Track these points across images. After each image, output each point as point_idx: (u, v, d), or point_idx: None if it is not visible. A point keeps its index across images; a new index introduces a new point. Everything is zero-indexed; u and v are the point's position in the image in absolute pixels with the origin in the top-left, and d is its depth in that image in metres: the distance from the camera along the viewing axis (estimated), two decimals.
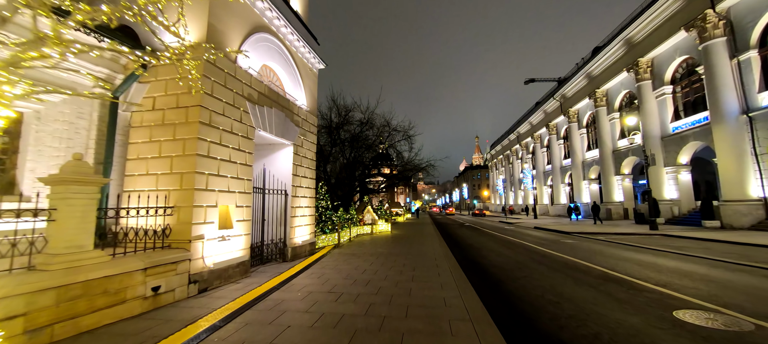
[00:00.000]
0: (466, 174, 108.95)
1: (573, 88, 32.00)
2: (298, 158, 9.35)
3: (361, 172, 25.01)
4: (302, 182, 9.53)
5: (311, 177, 10.20)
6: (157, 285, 4.69)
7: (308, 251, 9.68)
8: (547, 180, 40.52)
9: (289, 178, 8.92)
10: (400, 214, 35.45)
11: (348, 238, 14.01)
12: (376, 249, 10.80)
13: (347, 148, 22.97)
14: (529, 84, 60.44)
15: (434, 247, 11.27)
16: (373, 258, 8.87)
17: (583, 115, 31.56)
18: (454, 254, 9.95)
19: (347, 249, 10.88)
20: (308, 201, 9.90)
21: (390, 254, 9.70)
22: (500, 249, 11.68)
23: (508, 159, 57.94)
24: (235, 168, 6.56)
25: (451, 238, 16.03)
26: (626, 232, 15.96)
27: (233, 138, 6.56)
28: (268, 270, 7.37)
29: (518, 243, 13.38)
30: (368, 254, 9.74)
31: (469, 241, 14.56)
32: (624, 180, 26.14)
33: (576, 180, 32.13)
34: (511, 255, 10.06)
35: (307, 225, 9.81)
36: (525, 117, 47.11)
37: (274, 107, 8.08)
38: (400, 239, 14.31)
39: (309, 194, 9.98)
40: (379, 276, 6.65)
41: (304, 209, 9.58)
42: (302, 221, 9.44)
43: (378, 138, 22.89)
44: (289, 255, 8.61)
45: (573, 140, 32.43)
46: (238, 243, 6.56)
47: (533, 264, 8.56)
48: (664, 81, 21.01)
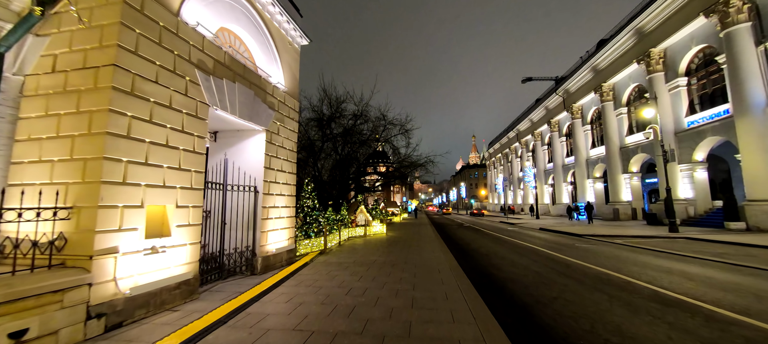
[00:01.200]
0: (463, 174, 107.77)
1: (577, 83, 30.65)
2: (273, 148, 7.71)
3: (356, 169, 23.39)
4: (278, 177, 7.89)
5: (291, 172, 8.57)
6: (20, 328, 3.04)
7: (285, 260, 8.05)
8: (548, 179, 39.22)
9: (260, 172, 7.27)
10: (396, 214, 33.90)
11: (337, 242, 12.40)
12: (367, 257, 9.21)
13: (340, 143, 21.32)
14: (526, 83, 59.58)
15: (436, 254, 9.70)
16: (363, 270, 7.27)
17: (588, 110, 30.23)
18: (461, 263, 8.39)
19: (334, 257, 9.27)
20: (286, 199, 8.27)
21: (384, 263, 8.11)
22: (511, 256, 10.14)
23: (507, 157, 56.63)
24: (175, 155, 4.91)
25: (453, 242, 14.49)
26: (643, 235, 14.53)
27: (173, 115, 4.91)
28: (225, 289, 5.74)
29: (529, 247, 11.86)
30: (358, 263, 8.14)
31: (473, 245, 13.02)
32: (632, 178, 24.82)
33: (580, 179, 30.81)
34: (527, 265, 8.52)
35: (285, 229, 8.17)
36: (525, 114, 45.78)
37: (238, 82, 6.43)
38: (397, 243, 12.74)
39: (288, 191, 8.35)
40: (368, 299, 5.05)
41: (280, 210, 7.94)
42: (278, 224, 7.81)
43: (373, 133, 21.27)
44: (259, 266, 6.97)
45: (576, 137, 31.10)
46: (180, 255, 4.92)
47: (558, 277, 7.02)
48: (678, 72, 19.65)
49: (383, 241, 13.47)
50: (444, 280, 6.22)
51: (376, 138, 21.06)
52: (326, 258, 9.04)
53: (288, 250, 8.20)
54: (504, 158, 58.07)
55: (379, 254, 9.78)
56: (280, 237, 7.89)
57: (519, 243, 13.14)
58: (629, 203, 24.73)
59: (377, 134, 20.92)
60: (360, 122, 20.58)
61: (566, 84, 32.27)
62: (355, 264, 8.01)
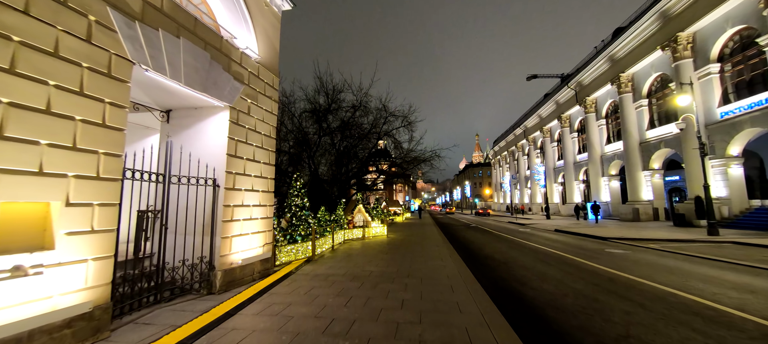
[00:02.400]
0: (467, 172, 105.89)
1: (591, 74, 28.78)
2: (241, 131, 6.08)
3: (357, 166, 21.75)
4: (248, 168, 6.27)
5: (267, 162, 6.94)
6: None
7: (259, 273, 6.43)
8: (558, 177, 37.36)
9: (222, 161, 5.66)
10: (398, 214, 32.26)
11: (330, 247, 10.77)
12: (363, 267, 7.57)
13: (338, 138, 19.69)
14: (531, 80, 57.71)
15: (444, 262, 8.04)
16: (355, 288, 5.63)
17: (603, 104, 28.36)
18: (477, 275, 6.72)
19: (323, 266, 7.65)
20: (260, 197, 6.64)
21: (382, 276, 6.47)
22: (536, 264, 8.45)
23: (513, 155, 54.75)
24: (67, 129, 3.31)
25: (462, 245, 12.81)
26: (678, 238, 12.77)
27: (62, 68, 3.29)
28: (157, 321, 4.12)
29: (552, 253, 10.16)
30: (350, 276, 6.50)
31: (486, 250, 11.34)
32: (653, 176, 22.98)
33: (593, 177, 28.98)
34: (560, 278, 6.84)
35: (258, 234, 6.55)
36: (533, 110, 43.92)
37: (184, 37, 4.81)
38: (398, 247, 11.09)
39: (262, 187, 6.73)
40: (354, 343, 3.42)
41: (251, 209, 6.32)
42: (247, 228, 6.19)
43: (374, 126, 19.58)
44: (219, 283, 5.35)
45: (590, 132, 29.25)
46: (73, 276, 3.31)
47: (609, 297, 5.34)
48: (709, 58, 17.81)
49: (383, 245, 11.82)
50: (461, 306, 4.57)
51: (376, 132, 19.38)
52: (313, 269, 7.41)
53: (262, 260, 6.57)
54: (510, 156, 56.20)
55: (377, 262, 8.14)
56: (250, 244, 6.27)
57: (538, 248, 11.44)
58: (650, 202, 22.89)
59: (378, 128, 19.25)
60: (359, 114, 18.94)
61: (579, 76, 30.41)
62: (345, 278, 6.37)
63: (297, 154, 18.13)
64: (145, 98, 5.44)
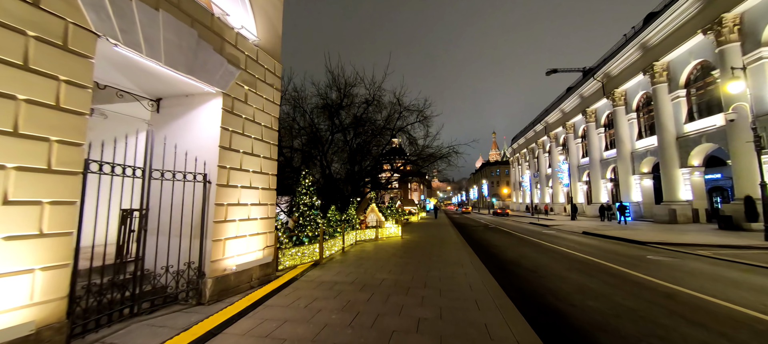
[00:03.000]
0: (484, 171, 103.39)
1: (620, 64, 26.84)
2: (237, 121, 5.43)
3: (370, 163, 21.03)
4: (246, 162, 5.61)
5: (268, 157, 6.28)
6: None
7: (257, 279, 5.77)
8: (583, 175, 35.33)
9: (214, 154, 5.01)
10: (414, 213, 31.34)
11: (341, 249, 10.07)
12: (374, 273, 6.80)
13: (350, 134, 19.03)
14: (551, 75, 55.30)
15: (466, 269, 7.15)
16: (363, 300, 4.86)
17: (633, 96, 26.39)
18: (504, 286, 5.81)
19: (330, 272, 6.93)
20: (260, 194, 5.98)
21: (395, 285, 5.68)
22: (572, 274, 7.42)
23: (533, 153, 52.60)
24: (1, 108, 2.69)
25: (483, 249, 11.81)
26: (731, 244, 11.30)
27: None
28: (130, 341, 3.49)
29: (587, 261, 9.05)
30: (358, 285, 5.74)
31: (510, 254, 10.33)
32: (693, 173, 21.04)
33: (623, 175, 27.04)
34: (605, 293, 5.82)
35: (257, 236, 5.89)
36: (554, 105, 41.88)
37: (163, 9, 4.16)
38: (414, 250, 10.25)
39: (262, 183, 6.07)
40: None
41: (249, 208, 5.66)
42: (244, 229, 5.53)
43: (388, 122, 18.76)
44: (209, 292, 4.71)
45: (619, 127, 27.31)
46: (6, 293, 2.69)
47: (676, 322, 4.32)
48: (760, 42, 15.93)
49: (397, 247, 11.01)
50: (491, 330, 3.70)
51: (390, 128, 18.55)
52: (319, 275, 6.71)
53: (262, 264, 5.91)
54: (530, 154, 54.04)
55: (390, 268, 7.35)
56: (247, 248, 5.61)
57: (569, 253, 10.32)
58: (689, 203, 20.97)
59: (392, 123, 18.43)
60: (373, 109, 18.17)
61: (606, 67, 28.48)
62: (353, 288, 5.62)
63: (308, 151, 17.57)
64: (128, 83, 4.86)
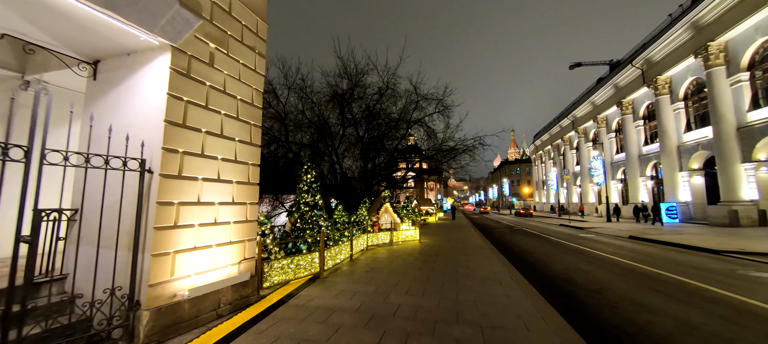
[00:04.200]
0: (503, 170, 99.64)
1: (664, 48, 23.92)
2: (196, 88, 3.94)
3: (384, 159, 19.44)
4: (210, 145, 4.12)
5: (248, 142, 4.77)
6: None
7: (230, 305, 4.26)
8: (617, 173, 32.30)
9: (158, 131, 3.54)
10: (431, 213, 29.48)
11: (348, 256, 8.52)
12: (387, 295, 5.17)
13: (363, 127, 17.49)
14: (574, 68, 51.90)
15: (506, 288, 5.40)
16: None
17: (680, 83, 23.43)
18: (570, 318, 4.04)
19: (330, 291, 5.36)
20: (236, 190, 4.48)
21: (416, 319, 4.03)
22: (652, 297, 5.51)
23: (558, 149, 49.36)
24: None
25: (516, 256, 9.92)
26: None
27: None
28: None
29: (663, 277, 7.06)
30: (365, 316, 4.13)
31: (556, 267, 8.44)
32: (759, 169, 18.13)
33: (667, 172, 24.12)
34: (726, 333, 3.94)
35: (229, 247, 4.38)
36: (584, 97, 38.82)
37: None
38: (436, 258, 8.55)
39: (237, 175, 4.56)
40: None
41: (214, 209, 4.16)
42: (209, 237, 4.03)
43: (403, 113, 17.05)
44: (144, 330, 3.22)
45: (662, 119, 24.39)
46: None
47: None
48: None
49: (415, 254, 9.34)
50: None
51: (406, 120, 16.84)
52: (314, 296, 5.16)
53: (236, 284, 4.40)
54: (555, 151, 50.78)
55: (408, 285, 5.69)
56: (213, 263, 4.11)
57: (630, 265, 8.31)
58: (754, 203, 18.07)
59: (408, 114, 16.70)
60: (387, 99, 16.52)
61: (647, 52, 25.56)
62: (356, 320, 4.01)
63: (317, 145, 16.15)
64: (45, 37, 3.46)
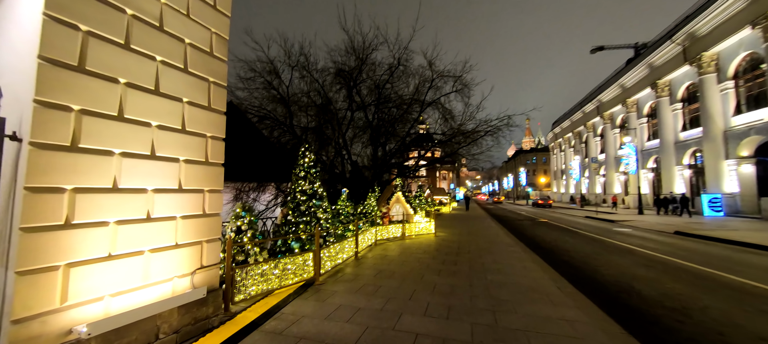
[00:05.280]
0: (518, 159, 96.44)
1: (713, 20, 21.20)
2: (99, 11, 2.57)
3: (395, 146, 17.99)
4: (132, 103, 2.77)
5: (205, 105, 3.42)
6: None
7: (175, 334, 2.97)
8: (648, 161, 29.80)
9: (27, 77, 2.19)
10: (445, 203, 27.95)
11: (353, 254, 7.19)
12: (399, 315, 3.80)
13: (372, 110, 16.04)
14: (596, 52, 48.51)
15: (562, 309, 3.94)
16: None
17: (729, 59, 20.79)
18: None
19: (323, 308, 4.02)
20: (185, 172, 3.15)
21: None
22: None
23: (580, 137, 46.57)
24: None
25: (552, 255, 8.38)
26: None
27: None
28: None
29: (757, 289, 5.44)
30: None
31: (608, 272, 6.89)
32: None
33: (711, 160, 21.71)
34: None
35: (174, 251, 3.07)
36: (611, 80, 35.94)
37: None
38: (457, 257, 7.13)
39: (188, 151, 3.22)
40: None
41: (148, 199, 2.84)
42: (135, 239, 2.72)
43: (416, 94, 15.40)
44: None
45: (706, 100, 21.85)
46: None
47: None
48: None
49: (431, 251, 7.94)
50: None
51: (420, 100, 15.21)
52: (301, 316, 3.84)
53: (186, 305, 3.11)
54: (576, 138, 47.98)
55: (426, 303, 4.30)
56: (146, 277, 2.80)
57: (704, 272, 6.67)
58: None
59: (421, 95, 15.07)
60: (398, 77, 14.91)
61: (690, 26, 22.84)
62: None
63: (322, 130, 14.79)
64: None
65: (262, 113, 14.19)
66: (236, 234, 4.46)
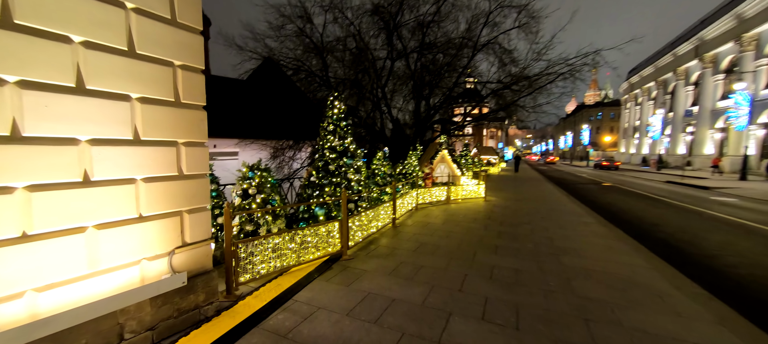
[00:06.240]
0: (579, 116, 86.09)
1: None
2: None
3: (441, 98, 16.17)
4: (49, 6, 1.78)
5: (172, 20, 2.36)
6: None
7: (150, 332, 2.25)
8: (760, 115, 23.82)
9: None
10: (493, 164, 25.71)
11: (390, 221, 6.21)
12: (447, 322, 2.70)
13: (414, 58, 14.21)
14: None
15: (701, 326, 2.52)
16: None
17: None
18: None
19: (349, 295, 3.07)
20: (140, 116, 2.22)
21: None
22: None
23: (664, 87, 39.09)
24: None
25: (646, 234, 6.57)
26: None
27: None
28: None
29: None
30: None
31: (754, 272, 5.08)
32: None
33: None
34: None
35: (134, 227, 2.24)
36: (720, 12, 28.42)
37: None
38: (515, 230, 5.77)
39: (141, 85, 2.25)
40: None
41: (73, 153, 1.96)
42: (56, 212, 1.89)
43: (467, 35, 13.07)
44: None
45: None
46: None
47: None
48: None
49: (483, 223, 6.63)
50: None
51: (472, 41, 12.90)
52: (322, 304, 2.95)
53: (159, 297, 2.33)
54: (659, 88, 40.36)
55: (484, 295, 3.13)
56: (93, 261, 2.00)
57: None
58: None
59: (474, 34, 12.73)
60: (445, 18, 12.66)
61: None
62: None
63: (356, 80, 13.46)
64: None
65: (296, 65, 13.23)
66: (243, 200, 3.62)
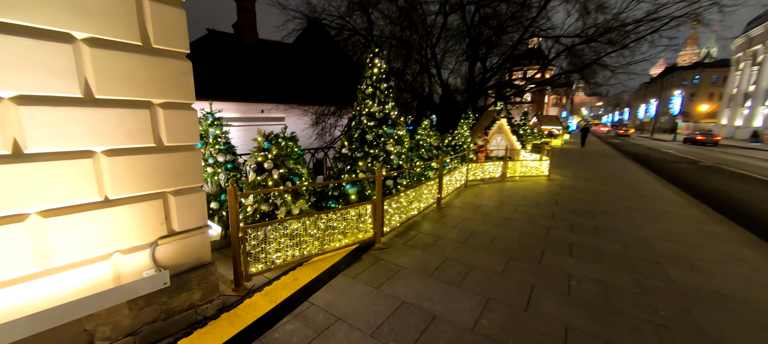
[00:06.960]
0: (668, 80, 72.54)
1: None
2: None
3: (499, 61, 14.26)
4: None
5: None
6: None
7: (133, 337, 1.83)
8: None
9: None
10: (556, 135, 22.77)
11: (434, 201, 5.36)
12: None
13: (471, 11, 12.44)
14: None
15: None
16: None
17: None
18: None
19: (379, 300, 2.37)
20: (95, 66, 1.63)
21: None
22: None
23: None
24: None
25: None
26: None
27: None
28: None
29: None
30: None
31: None
32: None
33: None
34: None
35: (95, 214, 1.75)
36: None
37: None
38: (591, 217, 4.55)
39: (92, 23, 1.63)
40: None
41: (14, 115, 1.43)
42: None
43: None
44: None
45: None
46: None
47: None
48: None
49: (547, 207, 5.42)
50: None
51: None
52: (341, 314, 2.32)
53: (140, 299, 1.87)
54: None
55: (559, 319, 2.20)
56: (37, 258, 1.54)
57: None
58: None
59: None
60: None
61: None
62: None
63: (404, 40, 12.16)
64: None
65: (339, 24, 12.31)
66: (258, 175, 3.06)
